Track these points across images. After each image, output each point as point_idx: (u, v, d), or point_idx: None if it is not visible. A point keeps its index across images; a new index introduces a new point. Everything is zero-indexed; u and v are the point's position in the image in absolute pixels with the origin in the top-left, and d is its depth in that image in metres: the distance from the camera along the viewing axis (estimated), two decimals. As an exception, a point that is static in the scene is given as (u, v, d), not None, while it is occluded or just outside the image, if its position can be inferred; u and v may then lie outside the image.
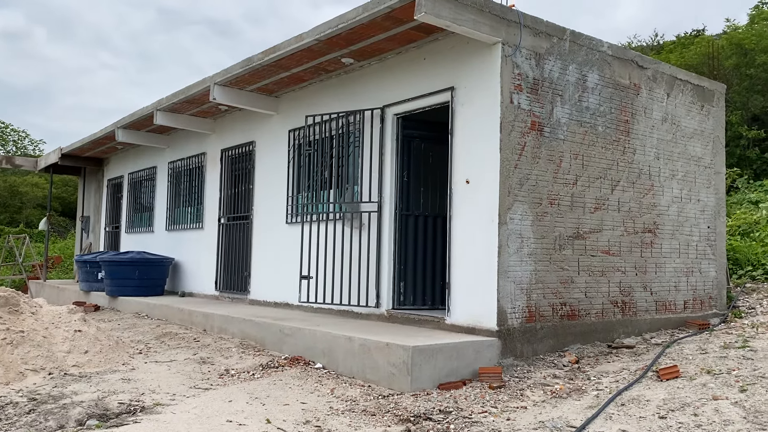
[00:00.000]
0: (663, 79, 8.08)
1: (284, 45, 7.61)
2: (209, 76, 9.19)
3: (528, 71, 6.61)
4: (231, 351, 7.21)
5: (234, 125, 10.82)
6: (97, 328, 7.03)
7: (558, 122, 6.87)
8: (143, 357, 7.01)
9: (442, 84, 7.02)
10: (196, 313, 8.97)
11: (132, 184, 14.57)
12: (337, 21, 6.81)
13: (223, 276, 10.86)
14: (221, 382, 5.97)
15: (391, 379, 5.68)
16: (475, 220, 6.51)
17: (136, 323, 9.41)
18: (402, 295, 7.69)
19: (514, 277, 6.39)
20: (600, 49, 7.33)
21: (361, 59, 7.89)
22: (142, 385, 5.74)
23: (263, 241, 9.87)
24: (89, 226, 17.12)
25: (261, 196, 10.01)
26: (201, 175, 11.71)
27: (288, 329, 7.10)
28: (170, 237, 12.64)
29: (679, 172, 8.24)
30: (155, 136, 12.80)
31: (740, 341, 6.67)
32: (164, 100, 10.44)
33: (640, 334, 7.57)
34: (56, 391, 5.51)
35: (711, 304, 8.59)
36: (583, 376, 5.88)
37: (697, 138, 8.52)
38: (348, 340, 6.22)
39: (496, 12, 6.35)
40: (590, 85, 7.21)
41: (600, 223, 7.26)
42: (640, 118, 7.76)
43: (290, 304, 9.03)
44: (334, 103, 8.59)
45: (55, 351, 6.30)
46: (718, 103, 8.89)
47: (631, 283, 7.59)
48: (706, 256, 8.57)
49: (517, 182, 6.45)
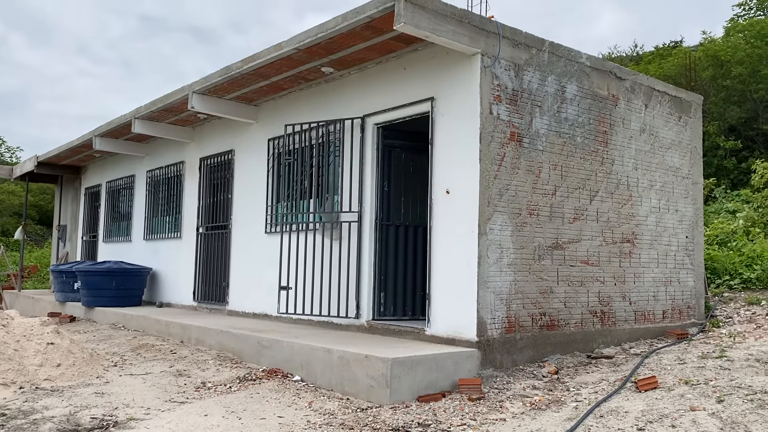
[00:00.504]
0: (641, 91, 8.15)
1: (263, 53, 7.56)
2: (188, 85, 9.11)
3: (507, 82, 6.63)
4: (208, 363, 7.10)
5: (213, 134, 10.73)
6: (71, 340, 6.89)
7: (537, 133, 6.89)
8: (118, 370, 6.88)
9: (422, 94, 7.01)
10: (174, 324, 8.84)
11: (110, 192, 14.38)
12: (317, 30, 6.78)
13: (201, 286, 10.73)
14: (197, 395, 5.87)
15: (369, 391, 5.62)
16: (455, 230, 6.49)
17: (112, 335, 9.25)
18: (382, 305, 7.64)
19: (494, 287, 6.37)
20: (578, 60, 7.37)
21: (341, 68, 7.87)
22: (115, 399, 5.62)
23: (242, 251, 9.77)
24: (66, 235, 16.86)
25: (240, 205, 9.92)
26: (180, 184, 11.59)
27: (266, 341, 7.01)
28: (148, 246, 12.48)
29: (657, 183, 8.31)
30: (133, 145, 12.65)
31: (718, 351, 6.71)
32: (142, 108, 10.32)
33: (620, 344, 7.59)
34: (27, 405, 5.37)
35: (689, 314, 8.64)
36: (562, 387, 5.87)
37: (674, 148, 8.60)
38: (327, 352, 6.16)
39: (476, 23, 6.36)
40: (569, 96, 7.25)
41: (579, 234, 7.28)
42: (618, 128, 7.82)
43: (269, 315, 8.94)
44: (314, 112, 8.55)
45: (26, 364, 6.16)
46: (695, 114, 8.99)
47: (610, 293, 7.61)
48: (684, 266, 8.63)
49: (497, 193, 6.45)
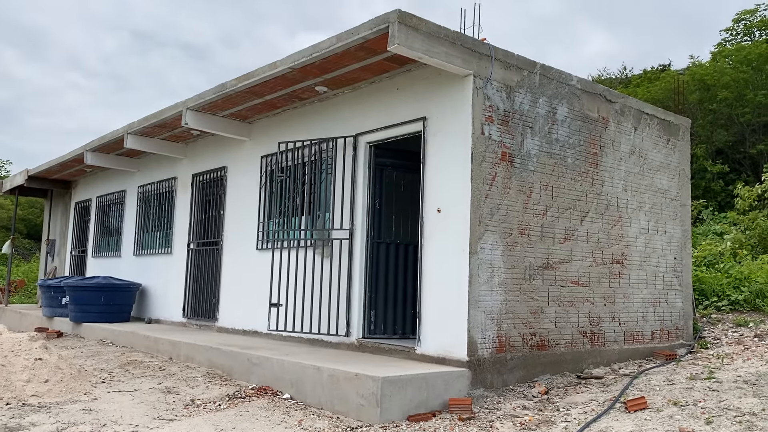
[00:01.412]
0: (630, 113, 8.27)
1: (258, 72, 7.62)
2: (182, 101, 9.15)
3: (499, 103, 6.71)
4: (197, 380, 7.06)
5: (206, 150, 10.75)
6: (59, 356, 6.83)
7: (528, 153, 6.96)
8: (106, 386, 6.82)
9: (414, 114, 7.08)
10: (163, 340, 8.78)
11: (100, 207, 14.33)
12: (311, 50, 6.84)
13: (191, 302, 10.68)
14: (186, 412, 5.83)
15: (360, 410, 5.61)
16: (446, 249, 6.53)
17: (100, 351, 9.18)
18: (373, 323, 7.64)
19: (485, 306, 6.40)
20: (569, 82, 7.48)
21: (334, 88, 7.94)
22: (103, 416, 5.57)
23: (233, 268, 9.75)
24: (54, 250, 16.75)
25: (231, 221, 9.92)
26: (171, 200, 11.57)
27: (256, 358, 6.99)
28: (138, 262, 12.42)
29: (646, 204, 8.39)
30: (125, 160, 12.64)
31: (706, 372, 6.75)
32: (135, 124, 10.34)
33: (609, 364, 7.62)
34: (13, 422, 5.31)
35: (678, 335, 8.70)
36: (552, 407, 5.88)
37: (663, 171, 8.71)
38: (317, 370, 6.14)
39: (468, 45, 6.45)
40: (560, 118, 7.34)
41: (569, 254, 7.34)
42: (608, 150, 7.91)
43: (259, 332, 8.90)
44: (307, 130, 8.60)
45: (13, 380, 6.10)
46: (683, 137, 9.12)
47: (599, 314, 7.65)
48: (672, 287, 8.70)
49: (488, 212, 6.50)
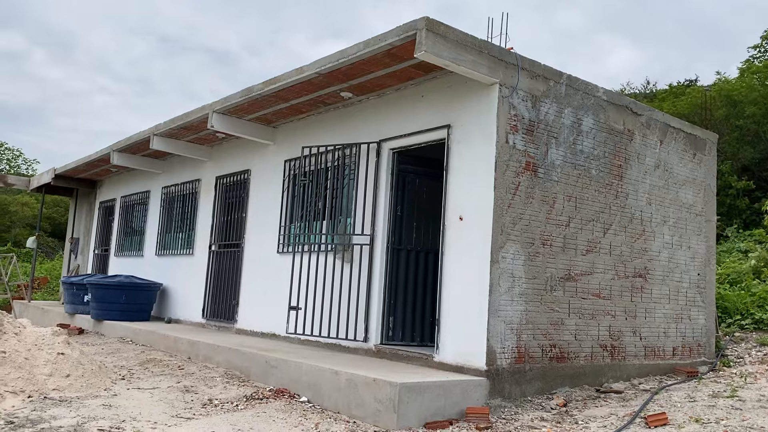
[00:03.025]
0: (656, 126, 8.21)
1: (285, 77, 7.69)
2: (208, 104, 9.25)
3: (524, 112, 6.70)
4: (215, 380, 7.10)
5: (230, 153, 10.86)
6: (81, 351, 6.92)
7: (552, 164, 6.93)
8: (126, 383, 6.89)
9: (438, 121, 7.09)
10: (182, 340, 8.85)
11: (124, 207, 14.52)
12: (338, 56, 6.90)
13: (210, 304, 10.76)
14: (204, 412, 5.86)
15: (377, 415, 5.60)
16: (468, 257, 6.51)
17: (120, 348, 9.27)
18: (391, 330, 7.64)
19: (505, 316, 6.37)
20: (596, 94, 7.45)
21: (359, 94, 7.98)
22: (123, 412, 5.62)
23: (253, 270, 9.81)
24: (78, 248, 16.99)
25: (253, 224, 9.99)
26: (194, 201, 11.69)
27: (274, 361, 7.01)
28: (160, 262, 12.55)
29: (670, 219, 8.31)
30: (150, 161, 12.81)
31: (729, 390, 6.64)
32: (162, 125, 10.48)
33: (629, 379, 7.53)
34: (35, 415, 5.39)
35: (700, 352, 8.57)
36: (570, 420, 5.82)
37: (688, 185, 8.62)
38: (334, 374, 6.15)
39: (495, 54, 6.45)
40: (585, 129, 7.31)
41: (591, 266, 7.28)
42: (633, 163, 7.85)
43: (277, 335, 8.94)
44: (331, 135, 8.65)
45: (36, 373, 6.19)
46: (710, 152, 9.02)
47: (620, 327, 7.57)
48: (695, 304, 8.58)
49: (511, 221, 6.47)
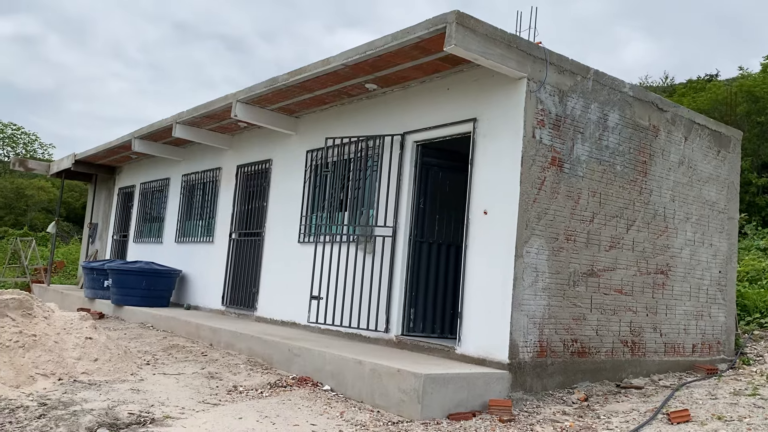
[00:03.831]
0: (681, 123, 8.17)
1: (310, 67, 7.72)
2: (232, 93, 9.31)
3: (551, 107, 6.70)
4: (239, 367, 7.20)
5: (252, 142, 10.92)
6: (107, 336, 7.03)
7: (578, 159, 6.93)
8: (151, 368, 7.00)
9: (464, 115, 7.10)
10: (204, 327, 8.96)
11: (143, 194, 14.64)
12: (366, 48, 6.91)
13: (230, 291, 10.86)
14: (229, 398, 5.95)
15: (400, 405, 5.66)
16: (492, 251, 6.54)
17: (142, 333, 9.40)
18: (412, 321, 7.69)
19: (528, 310, 6.40)
20: (622, 89, 7.42)
21: (384, 86, 8.00)
22: (151, 397, 5.72)
23: (274, 259, 9.89)
24: (96, 234, 17.16)
25: (274, 214, 10.06)
26: (215, 190, 11.78)
27: (297, 349, 7.09)
28: (179, 249, 12.67)
29: (693, 216, 8.29)
30: (171, 148, 12.89)
31: (750, 389, 6.65)
32: (185, 114, 10.55)
33: (648, 375, 7.55)
34: (66, 397, 5.50)
35: (719, 350, 8.57)
36: (592, 415, 5.86)
37: (712, 183, 8.58)
38: (358, 363, 6.21)
39: (524, 48, 6.45)
40: (611, 125, 7.29)
41: (614, 262, 7.29)
42: (657, 159, 7.83)
43: (297, 324, 9.03)
44: (354, 126, 8.68)
45: (65, 357, 6.30)
46: (734, 149, 8.97)
47: (641, 324, 7.59)
48: (716, 301, 8.57)
49: (535, 216, 6.49)
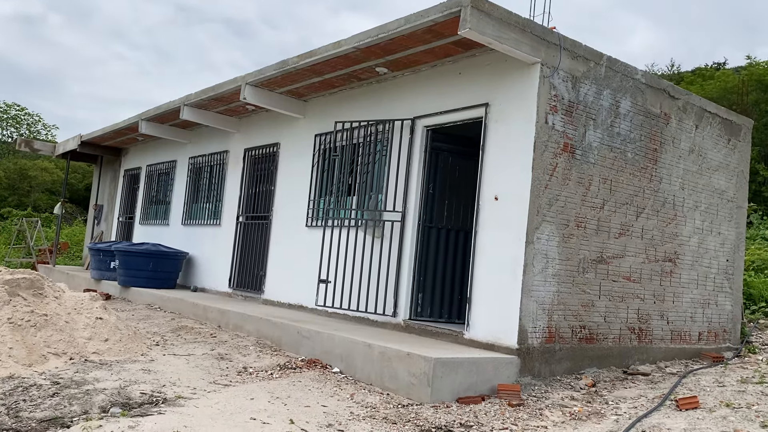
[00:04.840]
0: (693, 111, 8.13)
1: (321, 50, 7.68)
2: (241, 76, 9.27)
3: (564, 93, 6.66)
4: (248, 349, 7.23)
5: (259, 125, 10.89)
6: (117, 317, 7.07)
7: (590, 146, 6.91)
8: (161, 349, 7.04)
9: (476, 99, 7.07)
10: (212, 308, 9.00)
11: (149, 176, 14.64)
12: (378, 31, 6.87)
13: (237, 274, 10.90)
14: (240, 379, 5.99)
15: (410, 389, 5.70)
16: (502, 237, 6.54)
17: (150, 315, 9.44)
18: (420, 306, 7.72)
19: (537, 296, 6.41)
20: (634, 76, 7.38)
21: (395, 69, 7.96)
22: (162, 377, 5.76)
23: (281, 243, 9.91)
24: (102, 215, 17.19)
25: (282, 197, 10.06)
26: (222, 173, 11.77)
27: (306, 331, 7.13)
28: (186, 231, 12.69)
29: (702, 204, 8.27)
30: (178, 131, 12.88)
31: (757, 377, 6.68)
32: (193, 96, 10.52)
33: (655, 362, 7.58)
34: (78, 376, 5.53)
35: (725, 338, 8.59)
36: (600, 400, 5.89)
37: (722, 171, 8.56)
38: (367, 346, 6.25)
39: (538, 33, 6.41)
40: (623, 112, 7.26)
41: (623, 249, 7.29)
42: (668, 147, 7.81)
43: (304, 307, 9.06)
44: (363, 110, 8.65)
45: (76, 337, 6.34)
46: (744, 138, 8.94)
47: (649, 311, 7.60)
48: (723, 290, 8.58)
49: (547, 202, 6.49)
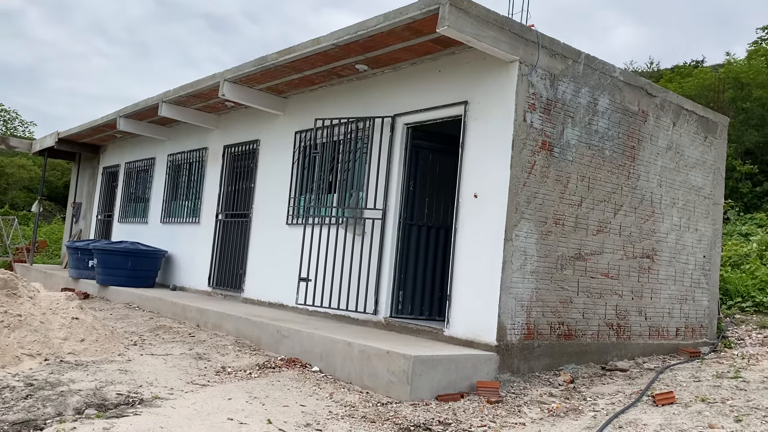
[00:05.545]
0: (670, 108, 8.21)
1: (300, 47, 7.63)
2: (220, 72, 9.19)
3: (542, 91, 6.69)
4: (227, 348, 7.19)
5: (239, 122, 10.81)
6: (94, 316, 6.98)
7: (568, 143, 6.95)
8: (138, 349, 6.97)
9: (455, 97, 7.08)
10: (191, 307, 8.92)
11: (128, 173, 14.48)
12: (357, 28, 6.84)
13: (217, 272, 10.82)
14: (218, 379, 5.95)
15: (389, 387, 5.70)
16: (481, 234, 6.56)
17: (128, 314, 9.35)
18: (401, 303, 7.71)
19: (516, 293, 6.44)
20: (612, 74, 7.43)
21: (375, 67, 7.93)
22: (139, 378, 5.70)
23: (261, 241, 9.85)
24: (80, 213, 16.98)
25: (262, 195, 10.00)
26: (201, 170, 11.67)
27: (285, 330, 7.09)
28: (165, 229, 12.57)
29: (679, 201, 8.36)
30: (157, 128, 12.75)
31: (732, 371, 6.77)
32: (171, 92, 10.41)
33: (633, 357, 7.65)
34: (53, 377, 5.46)
35: (702, 333, 8.70)
36: (578, 396, 5.93)
37: (698, 168, 8.65)
38: (347, 345, 6.23)
39: (516, 31, 6.42)
40: (600, 109, 7.31)
41: (601, 246, 7.34)
42: (646, 144, 7.87)
43: (285, 305, 9.02)
44: (343, 108, 8.62)
45: (51, 337, 6.25)
46: (720, 135, 9.04)
47: (627, 307, 7.67)
48: (700, 285, 8.68)
49: (525, 200, 6.51)
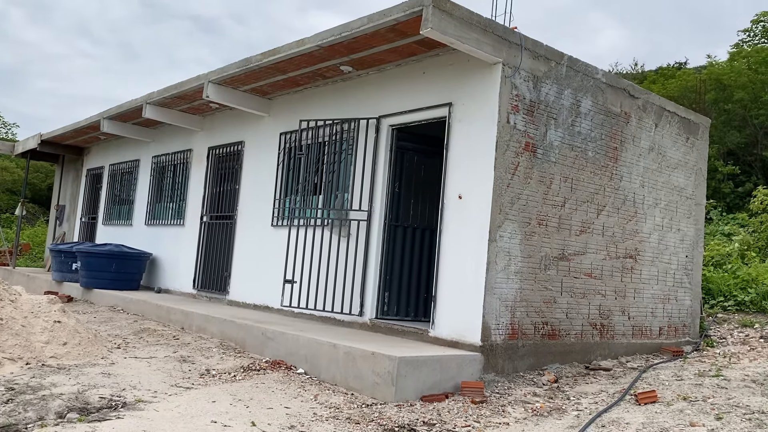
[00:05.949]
0: (652, 110, 8.29)
1: (285, 48, 7.62)
2: (204, 74, 9.16)
3: (525, 93, 6.73)
4: (212, 351, 7.16)
5: (224, 124, 10.78)
6: (77, 320, 6.92)
7: (551, 145, 6.99)
8: (122, 352, 6.92)
9: (439, 99, 7.10)
10: (175, 310, 8.88)
11: (112, 175, 14.38)
12: (341, 29, 6.85)
13: (201, 275, 10.77)
14: (202, 381, 5.93)
15: (374, 388, 5.70)
16: (465, 235, 6.59)
17: (113, 317, 9.28)
18: (386, 305, 7.72)
19: (500, 294, 6.47)
20: (595, 76, 7.49)
21: (359, 68, 7.94)
22: (122, 381, 5.67)
23: (246, 243, 9.82)
24: (64, 216, 16.84)
25: (247, 196, 9.97)
26: (186, 172, 11.62)
27: (270, 333, 7.08)
28: (149, 232, 12.49)
29: (662, 201, 8.44)
30: (141, 129, 12.67)
31: (714, 370, 6.84)
32: (155, 94, 10.36)
33: (617, 357, 7.71)
34: (35, 381, 5.41)
35: (684, 332, 8.78)
36: (562, 396, 5.97)
37: (680, 169, 8.74)
38: (332, 347, 6.23)
39: (499, 33, 6.46)
40: (583, 111, 7.36)
41: (584, 246, 7.39)
42: (628, 145, 7.94)
43: (270, 308, 9.00)
44: (328, 109, 8.62)
45: (33, 341, 6.19)
46: (702, 136, 9.14)
47: (610, 307, 7.73)
48: (682, 285, 8.77)
49: (509, 201, 6.55)
